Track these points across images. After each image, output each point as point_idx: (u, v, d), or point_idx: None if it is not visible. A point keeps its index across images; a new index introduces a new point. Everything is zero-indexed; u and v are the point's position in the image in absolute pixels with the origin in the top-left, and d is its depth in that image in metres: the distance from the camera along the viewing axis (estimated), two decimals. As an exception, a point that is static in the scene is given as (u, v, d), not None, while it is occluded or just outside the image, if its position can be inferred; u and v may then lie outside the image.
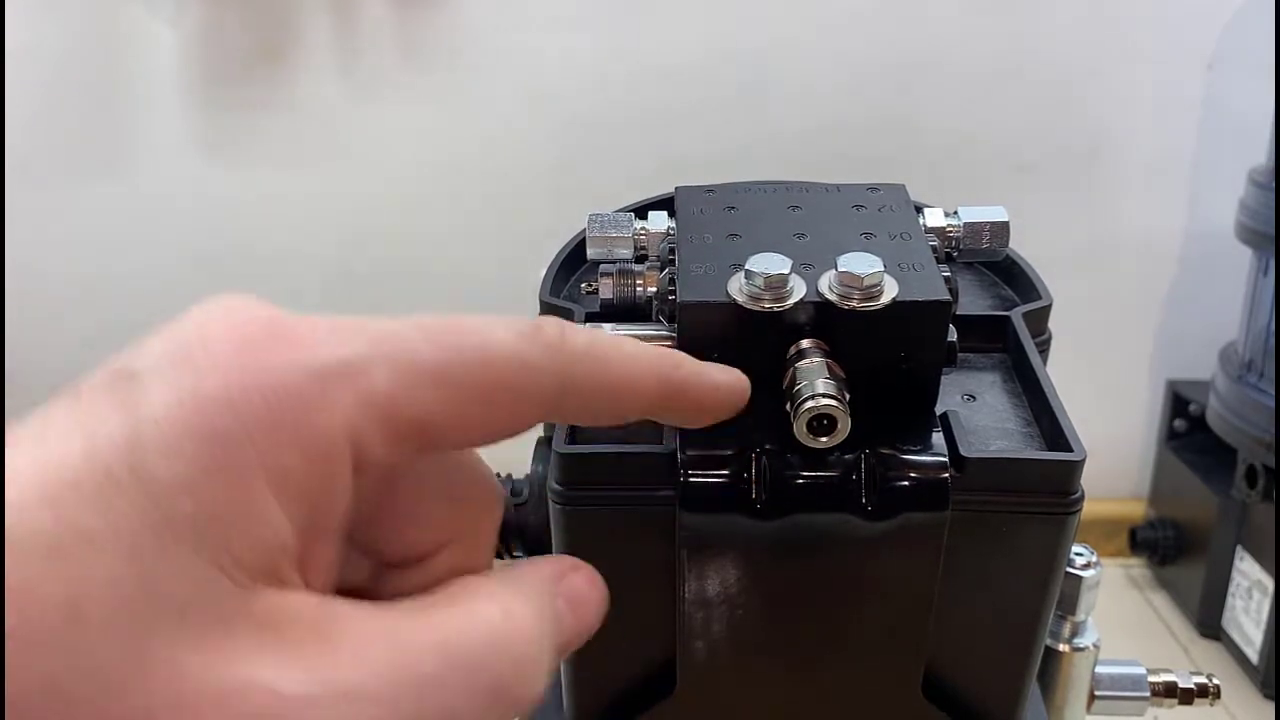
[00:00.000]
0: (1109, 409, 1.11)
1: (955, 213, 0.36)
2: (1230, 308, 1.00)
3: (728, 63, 0.99)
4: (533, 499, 0.36)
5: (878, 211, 0.34)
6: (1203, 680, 0.41)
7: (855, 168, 0.98)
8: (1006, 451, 0.30)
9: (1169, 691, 0.41)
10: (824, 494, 0.29)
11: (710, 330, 0.30)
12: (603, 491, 0.30)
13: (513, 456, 0.42)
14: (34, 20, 0.97)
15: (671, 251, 0.33)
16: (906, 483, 0.29)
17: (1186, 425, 1.06)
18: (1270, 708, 0.92)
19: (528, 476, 0.37)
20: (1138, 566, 1.11)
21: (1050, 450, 0.30)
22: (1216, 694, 0.41)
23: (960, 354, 0.32)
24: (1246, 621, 0.96)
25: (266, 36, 0.99)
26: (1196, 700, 0.42)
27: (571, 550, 0.31)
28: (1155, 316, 1.08)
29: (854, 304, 0.29)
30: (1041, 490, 0.29)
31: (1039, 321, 0.37)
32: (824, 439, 0.27)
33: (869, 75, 0.99)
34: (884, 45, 0.98)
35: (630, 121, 1.00)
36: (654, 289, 0.34)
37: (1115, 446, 1.13)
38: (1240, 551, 0.96)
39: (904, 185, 0.36)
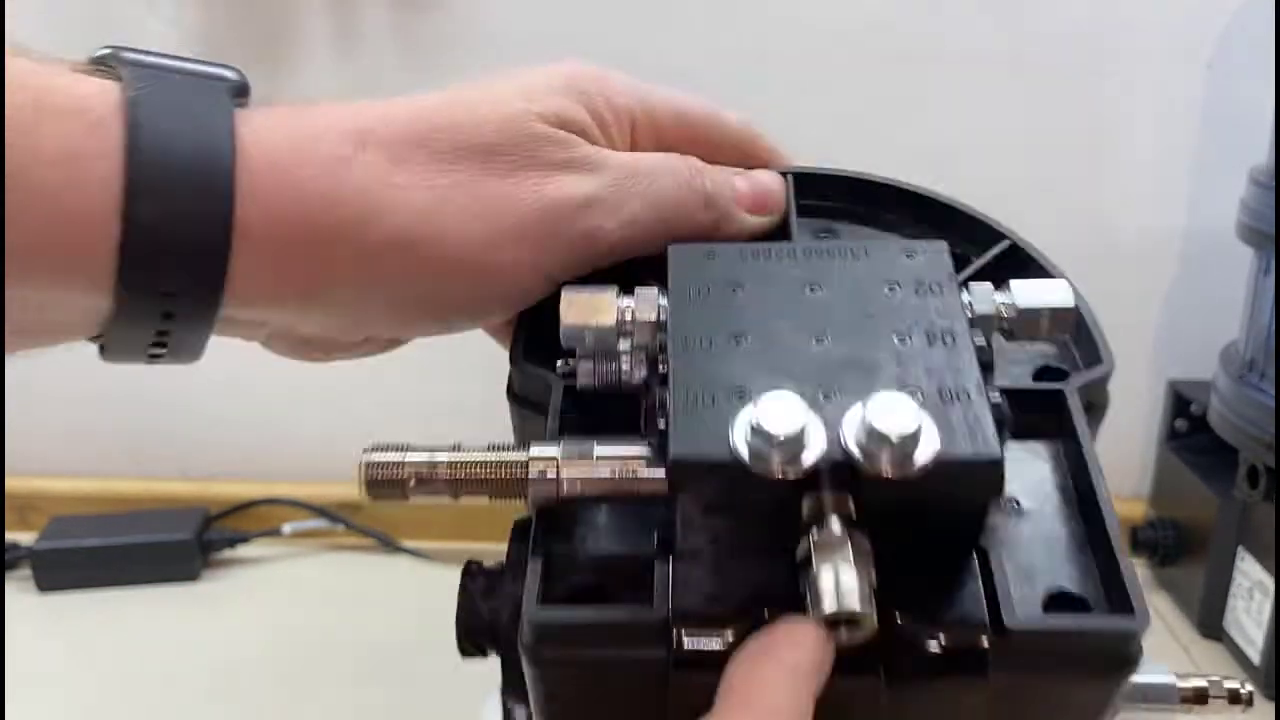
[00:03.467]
0: (1109, 408, 1.11)
1: (1008, 289, 0.30)
2: (1231, 307, 0.99)
3: (728, 63, 0.99)
4: (505, 593, 0.31)
5: (915, 294, 0.29)
6: (1234, 686, 0.39)
7: (854, 168, 0.97)
8: (1055, 622, 0.26)
9: (1199, 698, 0.40)
10: (843, 659, 0.25)
11: (708, 490, 0.25)
12: (582, 653, 0.26)
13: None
14: (33, 19, 0.97)
15: (662, 347, 0.28)
16: (939, 650, 0.25)
17: (1187, 425, 1.06)
18: (1271, 708, 0.92)
19: (503, 565, 0.32)
20: (1138, 567, 1.10)
21: (1107, 602, 0.26)
22: (1249, 701, 0.39)
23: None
24: (1248, 622, 0.96)
25: (266, 37, 0.99)
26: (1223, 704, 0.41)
27: (548, 705, 0.27)
28: (1155, 316, 1.08)
29: (883, 467, 0.24)
30: (1094, 657, 0.25)
31: (1099, 392, 0.32)
32: (845, 637, 0.24)
33: (869, 76, 0.99)
34: (883, 46, 0.98)
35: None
36: (640, 378, 0.30)
37: (1115, 446, 1.13)
38: (1241, 552, 0.96)
39: (945, 245, 0.31)
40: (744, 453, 0.24)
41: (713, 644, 0.25)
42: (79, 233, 0.28)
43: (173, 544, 1.09)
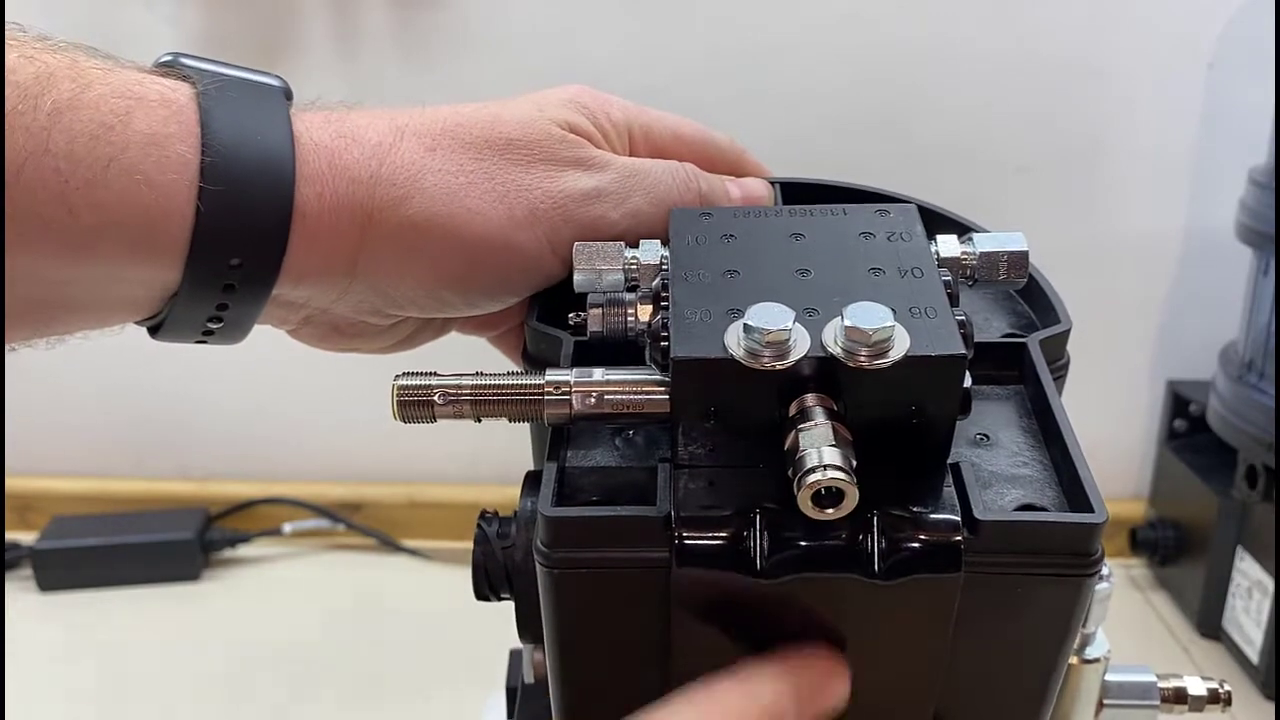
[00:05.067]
0: (1109, 409, 1.11)
1: (970, 239, 0.34)
2: (1230, 308, 1.00)
3: (728, 65, 0.99)
4: (520, 538, 0.34)
5: (887, 240, 0.32)
6: (1214, 686, 0.40)
7: (855, 168, 0.98)
8: (1021, 515, 0.28)
9: (1179, 698, 0.41)
10: (829, 555, 0.27)
11: (706, 386, 0.28)
12: (591, 554, 0.28)
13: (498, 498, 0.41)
14: (33, 19, 0.97)
15: (665, 287, 0.31)
16: (917, 544, 0.27)
17: (1187, 425, 1.06)
18: (1271, 708, 0.92)
19: (515, 514, 0.35)
20: (1138, 567, 1.11)
21: (1070, 507, 0.28)
22: (1228, 700, 0.40)
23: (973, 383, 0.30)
24: (1247, 622, 0.96)
25: (266, 37, 0.99)
26: (1208, 707, 0.41)
27: (559, 612, 0.29)
28: (1155, 316, 1.08)
29: (861, 361, 0.27)
30: (1059, 552, 0.27)
31: (1058, 347, 0.35)
32: (829, 511, 0.26)
33: (868, 76, 0.99)
34: (883, 46, 0.98)
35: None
36: (645, 320, 0.32)
37: (1115, 446, 1.13)
38: (1240, 552, 0.96)
39: (914, 205, 0.35)
40: (738, 352, 0.27)
41: (710, 542, 0.27)
42: (160, 205, 0.31)
43: (173, 544, 1.09)
